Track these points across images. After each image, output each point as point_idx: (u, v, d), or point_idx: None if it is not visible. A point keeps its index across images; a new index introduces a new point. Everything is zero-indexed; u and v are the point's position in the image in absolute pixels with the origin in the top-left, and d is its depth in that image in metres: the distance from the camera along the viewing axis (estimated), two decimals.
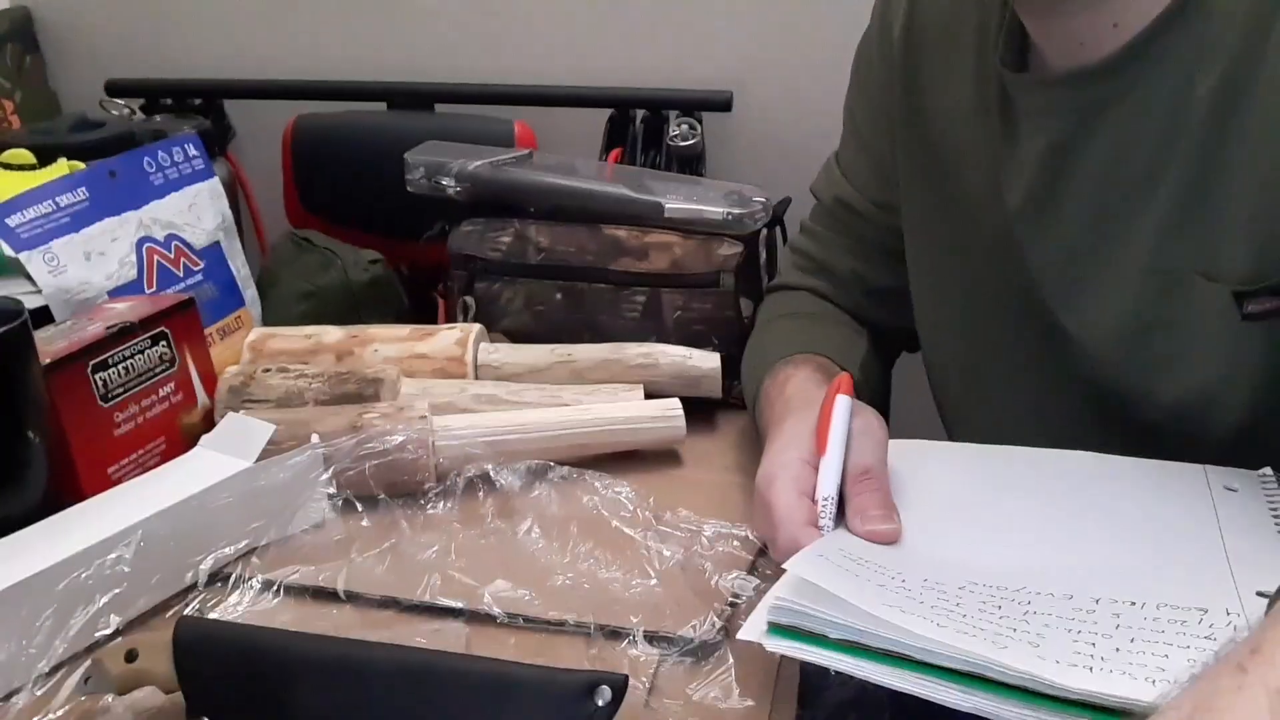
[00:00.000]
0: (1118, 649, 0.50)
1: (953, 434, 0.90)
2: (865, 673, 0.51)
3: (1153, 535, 0.62)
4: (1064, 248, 0.73)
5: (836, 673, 0.53)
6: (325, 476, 0.76)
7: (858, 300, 0.93)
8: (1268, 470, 0.66)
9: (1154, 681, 0.47)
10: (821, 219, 0.95)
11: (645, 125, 1.48)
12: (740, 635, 0.54)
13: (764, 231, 1.00)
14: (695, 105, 1.45)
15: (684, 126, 1.42)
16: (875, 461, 0.66)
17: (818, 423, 0.68)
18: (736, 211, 0.95)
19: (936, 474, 0.71)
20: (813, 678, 0.64)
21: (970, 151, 0.78)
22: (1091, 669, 0.48)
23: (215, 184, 1.01)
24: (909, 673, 0.50)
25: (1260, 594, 0.54)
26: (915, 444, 0.74)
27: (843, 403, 0.67)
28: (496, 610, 0.67)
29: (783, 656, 0.63)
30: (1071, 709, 0.47)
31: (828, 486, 0.64)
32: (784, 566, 0.56)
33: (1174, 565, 0.59)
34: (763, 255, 1.02)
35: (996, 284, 0.79)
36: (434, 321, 1.04)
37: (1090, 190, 0.70)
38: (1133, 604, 0.54)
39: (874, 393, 0.88)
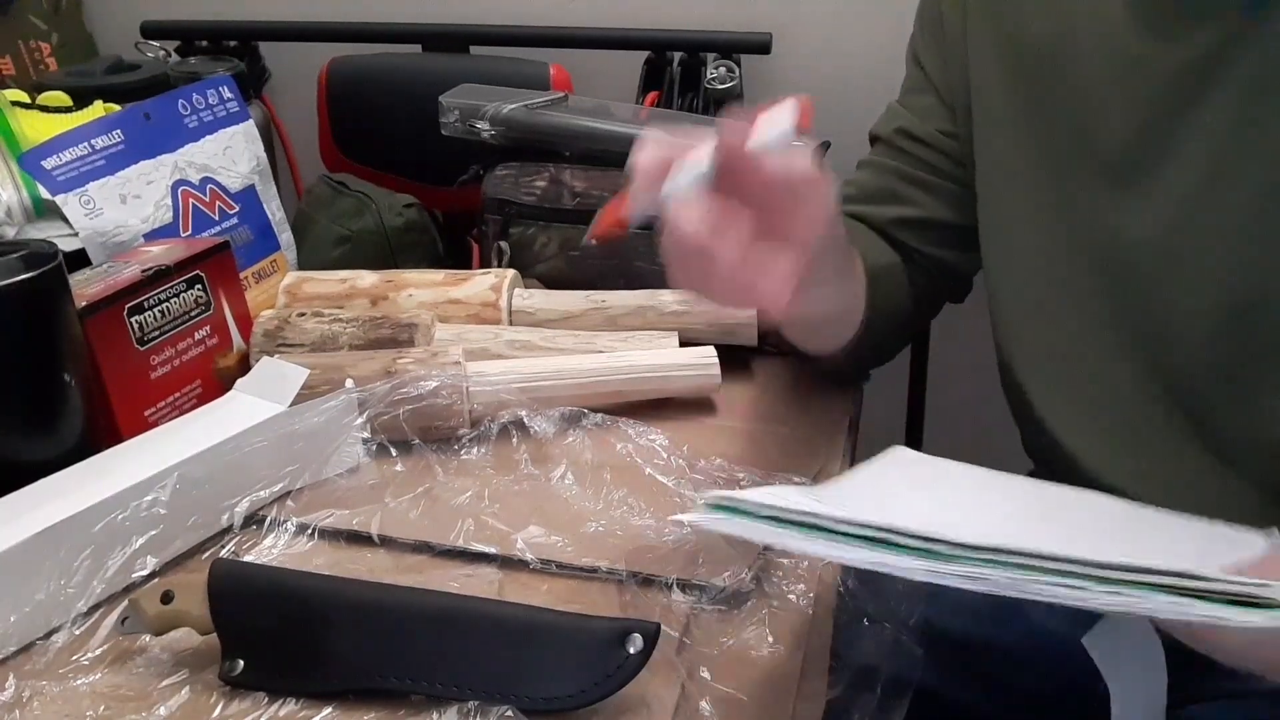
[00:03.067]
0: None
1: (1016, 404, 0.87)
2: (783, 540, 0.50)
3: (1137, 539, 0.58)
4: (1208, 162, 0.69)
5: (869, 622, 0.52)
6: (360, 421, 0.77)
7: (892, 222, 0.90)
8: None
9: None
10: (879, 151, 0.92)
11: (682, 68, 1.46)
12: (680, 516, 0.55)
13: None
14: (733, 47, 1.42)
15: (722, 69, 1.40)
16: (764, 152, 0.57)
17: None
18: None
19: (941, 485, 0.65)
20: (846, 627, 0.64)
21: (1088, 70, 0.75)
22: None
23: (250, 127, 1.01)
24: (821, 538, 0.49)
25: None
26: (935, 460, 0.69)
27: (782, 109, 0.57)
28: (529, 556, 0.67)
29: (815, 607, 0.64)
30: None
31: (696, 158, 0.57)
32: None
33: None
34: None
35: (1110, 222, 0.75)
36: (468, 267, 1.03)
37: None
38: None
39: (890, 311, 0.85)
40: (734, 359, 0.89)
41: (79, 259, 0.85)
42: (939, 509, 0.58)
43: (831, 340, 0.80)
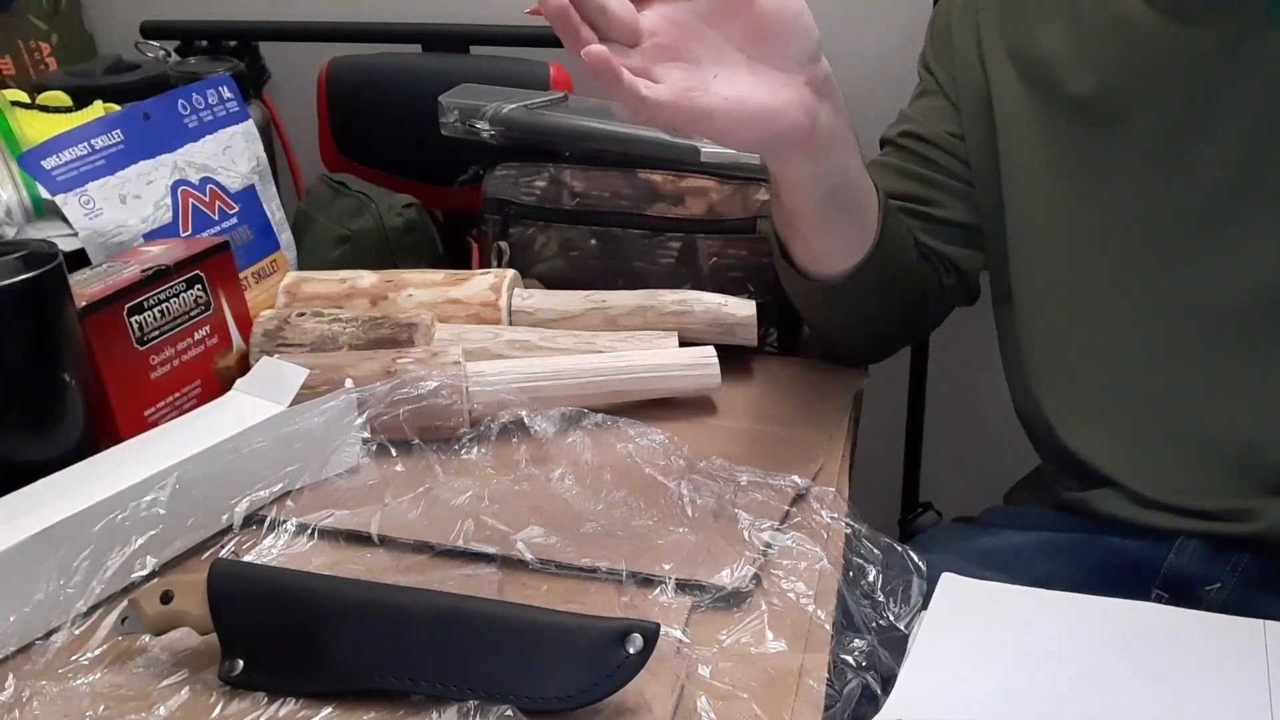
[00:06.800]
0: None
1: (1024, 402, 0.87)
2: None
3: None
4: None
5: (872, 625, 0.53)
6: (359, 421, 0.76)
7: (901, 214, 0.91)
8: None
9: None
10: (888, 152, 0.94)
11: None
12: None
13: None
14: None
15: None
16: None
17: None
18: None
19: (999, 620, 0.71)
20: (844, 625, 0.64)
21: (1106, 65, 0.77)
22: None
23: (250, 127, 1.01)
24: None
25: None
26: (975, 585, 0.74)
27: None
28: (529, 556, 0.67)
29: (815, 606, 0.64)
30: None
31: None
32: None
33: None
34: None
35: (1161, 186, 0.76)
36: (468, 267, 1.03)
37: None
38: None
39: (896, 254, 0.85)
40: (734, 359, 0.89)
41: (79, 259, 0.85)
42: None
43: (841, 255, 0.80)
